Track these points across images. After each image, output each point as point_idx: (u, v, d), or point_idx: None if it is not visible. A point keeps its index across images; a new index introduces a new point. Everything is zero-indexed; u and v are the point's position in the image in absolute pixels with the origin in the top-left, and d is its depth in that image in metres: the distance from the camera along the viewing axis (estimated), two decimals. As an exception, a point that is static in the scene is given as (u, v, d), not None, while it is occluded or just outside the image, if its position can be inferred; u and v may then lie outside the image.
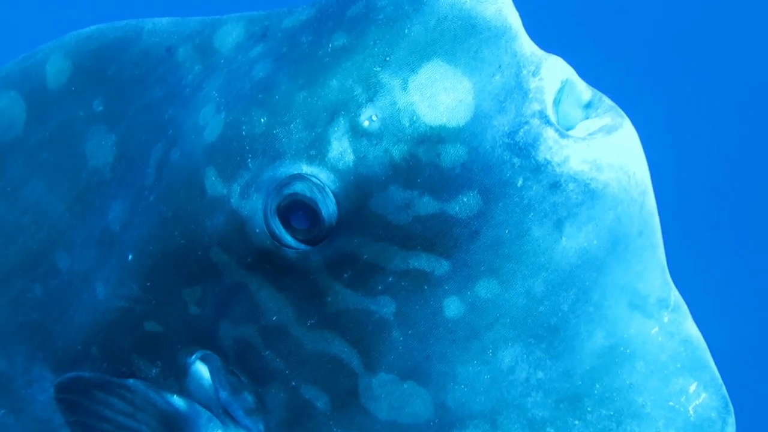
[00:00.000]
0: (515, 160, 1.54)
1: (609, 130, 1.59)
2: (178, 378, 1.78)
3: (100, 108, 1.87)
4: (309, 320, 1.64)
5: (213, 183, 1.65)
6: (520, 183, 1.55)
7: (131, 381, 1.81)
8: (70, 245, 1.89)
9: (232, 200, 1.63)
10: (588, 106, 1.63)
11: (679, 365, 1.61)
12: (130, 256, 1.77)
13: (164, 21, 1.89)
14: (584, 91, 1.63)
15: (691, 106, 12.48)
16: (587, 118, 1.62)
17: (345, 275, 1.60)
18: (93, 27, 1.95)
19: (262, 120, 1.61)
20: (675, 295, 1.65)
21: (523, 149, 1.54)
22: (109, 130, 1.86)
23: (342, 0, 1.66)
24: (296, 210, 1.58)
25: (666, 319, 1.62)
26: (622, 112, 1.62)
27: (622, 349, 1.59)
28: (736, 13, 13.09)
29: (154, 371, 1.80)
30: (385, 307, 1.60)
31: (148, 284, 1.76)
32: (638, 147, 1.61)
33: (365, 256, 1.59)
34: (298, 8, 1.74)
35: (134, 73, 1.87)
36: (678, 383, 1.60)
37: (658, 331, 1.61)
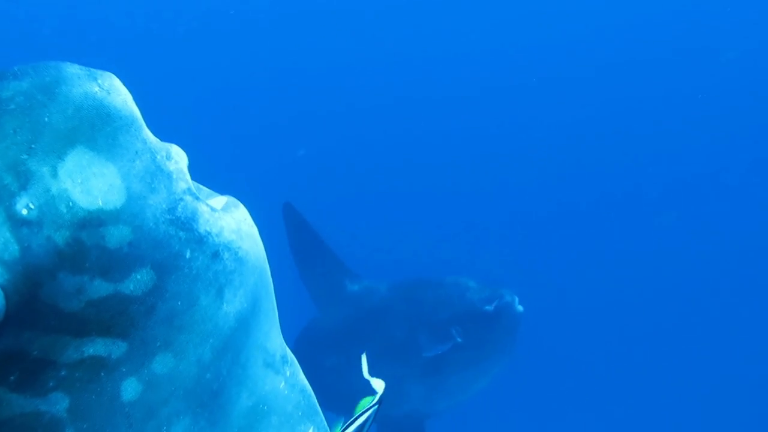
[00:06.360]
0: (181, 233, 1.62)
1: (235, 204, 1.76)
2: None
3: None
4: None
5: None
6: (188, 255, 1.63)
7: None
8: None
9: None
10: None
11: (300, 413, 1.82)
12: None
13: None
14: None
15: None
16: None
17: (11, 377, 1.50)
18: None
19: None
20: (289, 351, 1.84)
21: (185, 223, 1.63)
22: None
23: None
24: None
25: (288, 373, 1.81)
26: (228, 196, 1.79)
27: (261, 406, 1.76)
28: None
29: None
30: (57, 404, 1.53)
31: None
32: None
33: (35, 352, 1.50)
34: None
35: None
36: (301, 430, 1.81)
37: (284, 385, 1.80)
